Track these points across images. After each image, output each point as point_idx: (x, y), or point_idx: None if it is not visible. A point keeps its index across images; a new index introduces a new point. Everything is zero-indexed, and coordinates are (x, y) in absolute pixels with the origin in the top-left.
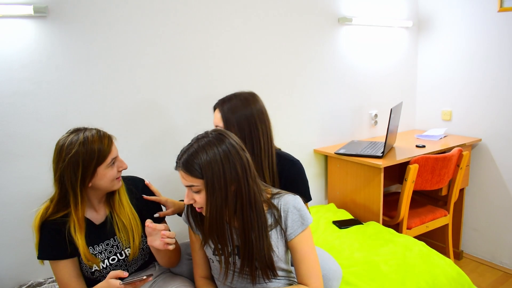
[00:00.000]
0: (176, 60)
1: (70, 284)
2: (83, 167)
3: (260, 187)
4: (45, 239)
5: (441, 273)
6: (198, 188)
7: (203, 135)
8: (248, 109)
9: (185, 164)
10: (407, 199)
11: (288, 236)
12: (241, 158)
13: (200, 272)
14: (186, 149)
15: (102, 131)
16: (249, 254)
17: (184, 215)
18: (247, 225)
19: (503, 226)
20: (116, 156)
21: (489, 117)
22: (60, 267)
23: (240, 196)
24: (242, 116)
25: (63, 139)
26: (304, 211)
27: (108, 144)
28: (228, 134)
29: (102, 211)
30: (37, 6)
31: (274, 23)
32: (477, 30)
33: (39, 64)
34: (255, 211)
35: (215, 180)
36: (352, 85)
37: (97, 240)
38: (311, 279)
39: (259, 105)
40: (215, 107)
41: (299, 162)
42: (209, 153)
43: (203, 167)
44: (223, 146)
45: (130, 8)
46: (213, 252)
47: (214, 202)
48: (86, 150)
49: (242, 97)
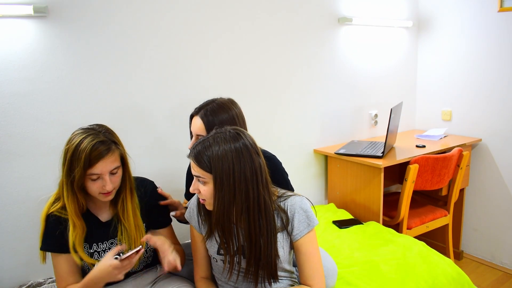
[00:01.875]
0: (177, 60)
1: (67, 278)
2: (70, 166)
3: (271, 193)
4: (49, 231)
5: (441, 273)
6: (204, 180)
7: (221, 130)
8: (229, 112)
9: (196, 155)
10: (407, 199)
11: (294, 236)
12: (253, 161)
13: (200, 272)
14: (202, 141)
15: (105, 147)
16: (256, 258)
17: (188, 213)
18: (254, 229)
19: (503, 226)
20: (102, 174)
21: (489, 117)
22: (60, 260)
23: (247, 199)
24: (224, 118)
25: (76, 131)
26: (311, 213)
27: (95, 159)
28: (246, 135)
29: (108, 211)
30: (37, 6)
31: (274, 23)
32: (477, 30)
33: (39, 64)
34: (264, 217)
35: (224, 177)
36: (352, 85)
37: (101, 238)
38: (314, 280)
39: (238, 109)
40: (193, 115)
41: (274, 157)
42: (221, 149)
43: (213, 161)
44: (236, 145)
45: (130, 8)
46: (217, 251)
47: (222, 198)
48: (73, 154)
49: (219, 102)
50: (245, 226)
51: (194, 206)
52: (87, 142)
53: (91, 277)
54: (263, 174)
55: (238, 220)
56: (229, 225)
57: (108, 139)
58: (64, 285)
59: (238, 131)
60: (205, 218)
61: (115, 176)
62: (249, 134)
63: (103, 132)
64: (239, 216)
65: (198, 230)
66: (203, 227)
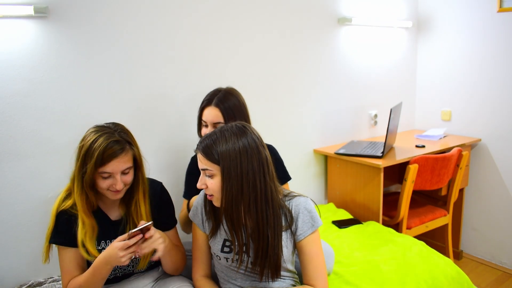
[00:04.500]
0: (177, 59)
1: (73, 272)
2: (83, 163)
3: (277, 186)
4: (58, 226)
5: (440, 273)
6: (211, 172)
7: (227, 126)
8: (238, 98)
9: (204, 148)
10: (407, 199)
11: (298, 237)
12: (260, 153)
13: (201, 271)
14: (209, 135)
15: (119, 147)
16: (263, 251)
17: (192, 211)
18: (262, 221)
19: (503, 226)
20: (113, 173)
21: (489, 117)
22: (68, 253)
23: (255, 190)
24: (236, 103)
25: (91, 128)
26: (315, 214)
27: (108, 158)
28: (251, 128)
29: (118, 210)
30: (38, 7)
31: (273, 23)
32: (476, 31)
33: (39, 64)
34: (271, 208)
35: (231, 168)
36: (352, 85)
37: (110, 236)
38: (317, 280)
39: (241, 95)
40: (205, 106)
41: (272, 146)
42: (229, 142)
43: (221, 153)
44: (243, 138)
45: (130, 8)
46: (221, 249)
47: (230, 189)
48: (87, 151)
49: (225, 90)
50: (253, 217)
51: (198, 205)
52: (101, 141)
53: (97, 263)
54: (269, 166)
55: (246, 211)
56: (237, 215)
57: (123, 139)
58: (69, 278)
59: (243, 125)
60: (210, 216)
61: (126, 176)
62: (254, 128)
63: (118, 132)
64: (247, 207)
65: (201, 228)
66: (207, 225)
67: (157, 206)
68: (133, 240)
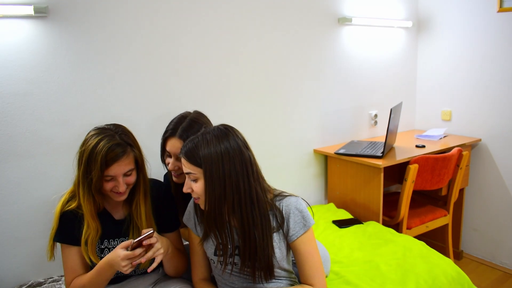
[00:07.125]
0: (178, 58)
1: (77, 270)
2: (87, 168)
3: (264, 187)
4: (63, 226)
5: (441, 273)
6: (195, 176)
7: (209, 129)
8: (203, 125)
9: (186, 152)
10: (407, 199)
11: (290, 237)
12: (242, 154)
13: (199, 274)
14: (192, 139)
15: (121, 149)
16: (251, 253)
17: (185, 215)
18: (247, 222)
19: (503, 226)
20: (116, 176)
21: (489, 117)
22: (72, 252)
23: (238, 192)
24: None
25: (91, 131)
26: (306, 213)
27: (111, 161)
28: (234, 130)
29: (122, 210)
30: (38, 7)
31: (273, 23)
32: (476, 31)
33: (39, 64)
34: (257, 209)
35: (213, 171)
36: (352, 85)
37: (113, 235)
38: (315, 279)
39: (206, 118)
40: (168, 136)
41: None
42: (211, 145)
43: (203, 156)
44: (225, 141)
45: (130, 8)
46: (214, 253)
47: (212, 193)
48: (90, 156)
49: (190, 118)
50: (237, 218)
51: (191, 209)
52: (103, 144)
53: (102, 264)
54: (253, 167)
55: (230, 213)
56: (221, 218)
57: (124, 141)
58: (73, 276)
59: (226, 127)
60: (202, 220)
61: (129, 177)
62: (237, 130)
63: (119, 134)
64: (231, 209)
65: (194, 232)
66: (200, 228)
67: (160, 208)
68: (137, 251)
